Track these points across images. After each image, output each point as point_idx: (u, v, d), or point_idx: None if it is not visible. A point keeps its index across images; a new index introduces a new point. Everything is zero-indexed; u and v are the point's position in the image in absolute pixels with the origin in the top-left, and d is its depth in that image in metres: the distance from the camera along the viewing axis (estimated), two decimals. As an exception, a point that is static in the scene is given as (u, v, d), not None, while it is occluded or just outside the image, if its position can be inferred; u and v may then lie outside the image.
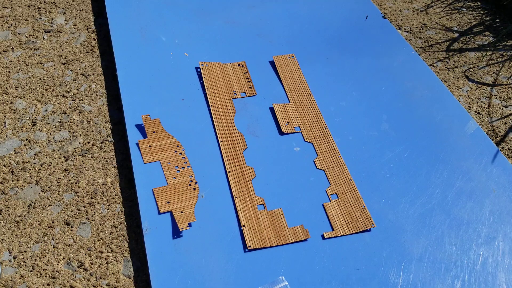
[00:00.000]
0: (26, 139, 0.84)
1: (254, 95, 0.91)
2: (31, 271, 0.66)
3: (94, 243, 0.70)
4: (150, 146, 0.79)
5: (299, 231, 0.70)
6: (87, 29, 1.08)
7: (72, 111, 0.89)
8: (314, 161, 0.80)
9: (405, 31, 1.15)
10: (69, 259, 0.68)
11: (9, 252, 0.68)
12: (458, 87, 1.01)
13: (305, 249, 0.68)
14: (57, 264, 0.67)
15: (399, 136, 0.86)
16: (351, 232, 0.71)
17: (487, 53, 1.09)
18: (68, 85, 0.94)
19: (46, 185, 0.77)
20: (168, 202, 0.72)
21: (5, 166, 0.79)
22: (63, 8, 1.14)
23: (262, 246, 0.68)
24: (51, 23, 1.09)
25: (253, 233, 0.69)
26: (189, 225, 0.69)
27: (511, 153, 0.88)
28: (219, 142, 0.82)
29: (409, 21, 1.18)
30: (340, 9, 1.15)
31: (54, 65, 0.98)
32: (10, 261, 0.67)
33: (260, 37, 1.05)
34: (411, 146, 0.84)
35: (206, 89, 0.90)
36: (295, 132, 0.85)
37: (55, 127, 0.86)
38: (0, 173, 0.78)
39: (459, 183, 0.79)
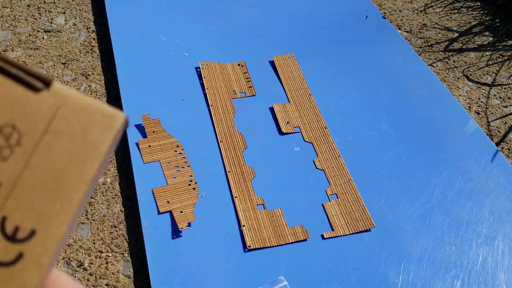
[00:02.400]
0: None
1: (254, 95, 0.91)
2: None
3: (94, 243, 0.70)
4: (150, 146, 0.79)
5: (298, 231, 0.70)
6: (87, 29, 1.08)
7: (72, 111, 0.89)
8: (314, 161, 0.80)
9: (405, 31, 1.15)
10: (68, 259, 0.68)
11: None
12: (457, 87, 1.01)
13: (305, 249, 0.68)
14: (57, 264, 0.67)
15: (399, 136, 0.86)
16: (351, 232, 0.71)
17: (487, 53, 1.09)
18: (68, 85, 0.94)
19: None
20: (168, 202, 0.72)
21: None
22: (63, 8, 1.14)
23: (262, 246, 0.68)
24: (51, 23, 1.09)
25: (253, 233, 0.69)
26: (189, 224, 0.69)
27: (511, 153, 0.88)
28: (219, 142, 0.82)
29: (409, 21, 1.18)
30: (340, 9, 1.15)
31: (54, 65, 0.98)
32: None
33: (260, 37, 1.05)
34: (411, 146, 0.84)
35: (206, 89, 0.90)
36: (295, 132, 0.85)
37: (55, 127, 0.86)
38: None
39: (459, 183, 0.79)
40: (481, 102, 0.98)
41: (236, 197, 0.74)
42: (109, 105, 0.17)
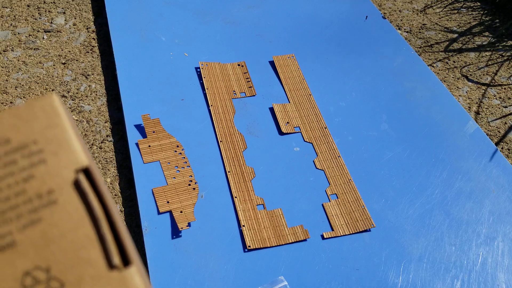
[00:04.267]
0: (26, 139, 0.83)
1: (254, 95, 0.91)
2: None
3: (94, 243, 0.70)
4: (149, 146, 0.79)
5: (298, 231, 0.70)
6: (87, 29, 1.08)
7: (71, 111, 0.89)
8: (313, 161, 0.80)
9: (404, 31, 1.15)
10: (68, 259, 0.68)
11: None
12: (457, 87, 1.01)
13: (305, 249, 0.68)
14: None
15: (399, 136, 0.86)
16: (351, 232, 0.71)
17: (486, 53, 1.09)
18: (68, 85, 0.94)
19: (45, 185, 0.76)
20: (168, 202, 0.72)
21: (4, 166, 0.79)
22: (63, 8, 1.14)
23: (261, 246, 0.68)
24: (51, 23, 1.09)
25: (252, 233, 0.69)
26: (189, 224, 0.69)
27: (510, 153, 0.88)
28: (219, 142, 0.82)
29: (409, 21, 1.18)
30: (340, 9, 1.15)
31: (53, 65, 0.98)
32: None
33: (260, 37, 1.05)
34: (410, 146, 0.84)
35: (206, 89, 0.90)
36: (294, 132, 0.85)
37: (55, 127, 0.86)
38: None
39: (459, 183, 0.79)
40: (481, 102, 0.98)
41: (236, 197, 0.74)
42: None
